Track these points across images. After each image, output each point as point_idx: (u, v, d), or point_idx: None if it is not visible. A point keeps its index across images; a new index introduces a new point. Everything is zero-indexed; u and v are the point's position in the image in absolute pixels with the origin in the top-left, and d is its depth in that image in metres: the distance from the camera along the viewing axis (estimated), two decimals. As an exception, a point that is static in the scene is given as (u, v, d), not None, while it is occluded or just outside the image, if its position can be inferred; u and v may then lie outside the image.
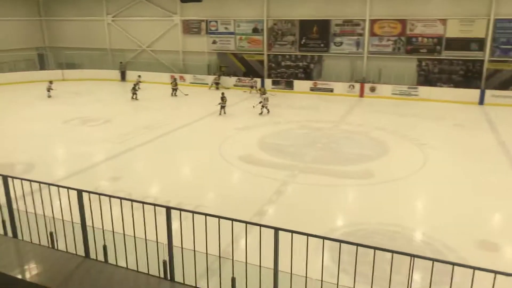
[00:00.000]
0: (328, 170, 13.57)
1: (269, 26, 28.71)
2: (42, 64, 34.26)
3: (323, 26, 27.22)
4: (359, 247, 4.22)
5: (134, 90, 24.81)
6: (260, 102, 21.24)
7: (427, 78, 25.86)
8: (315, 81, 27.34)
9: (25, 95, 26.00)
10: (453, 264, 3.80)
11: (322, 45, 27.59)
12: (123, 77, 32.06)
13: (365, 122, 19.70)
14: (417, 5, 24.97)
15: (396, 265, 4.38)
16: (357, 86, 26.03)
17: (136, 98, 24.70)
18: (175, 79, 27.60)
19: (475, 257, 8.47)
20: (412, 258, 3.91)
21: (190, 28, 30.99)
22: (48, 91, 25.23)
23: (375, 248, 4.07)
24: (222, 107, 20.94)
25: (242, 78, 29.01)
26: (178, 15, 30.95)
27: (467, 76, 24.79)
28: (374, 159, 14.78)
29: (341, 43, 27.14)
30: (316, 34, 27.55)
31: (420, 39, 25.42)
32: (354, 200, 12.06)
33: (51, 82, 25.74)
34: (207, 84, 29.31)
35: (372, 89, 25.83)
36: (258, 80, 28.21)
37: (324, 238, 4.31)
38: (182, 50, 31.62)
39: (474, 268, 3.70)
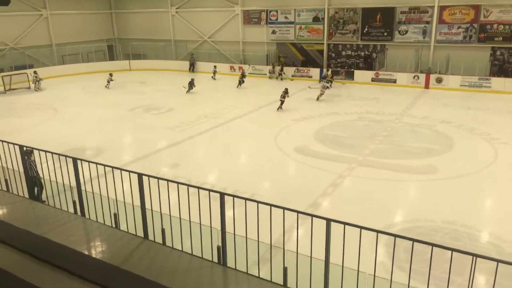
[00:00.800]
0: (388, 164, 13.08)
1: (330, 15, 28.06)
2: (111, 55, 36.30)
3: (387, 13, 26.08)
4: (417, 244, 4.04)
5: (241, 79, 26.10)
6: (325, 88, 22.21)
7: (501, 68, 23.90)
8: (377, 71, 26.35)
9: (95, 84, 27.73)
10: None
11: (385, 33, 26.48)
12: (192, 69, 32.61)
13: (430, 115, 18.69)
14: (493, -11, 23.09)
15: (458, 266, 4.14)
16: (422, 77, 24.71)
17: (242, 83, 26.17)
18: (243, 72, 27.13)
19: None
20: (474, 258, 3.66)
21: (251, 18, 31.14)
22: (108, 82, 26.44)
23: (432, 245, 3.87)
24: (282, 102, 20.01)
25: (301, 68, 28.69)
26: (239, 5, 31.21)
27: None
28: (439, 153, 14.01)
29: (406, 31, 25.86)
30: (380, 22, 26.49)
31: (495, 26, 23.51)
32: (415, 196, 11.53)
33: (111, 74, 26.99)
34: (265, 74, 29.36)
35: (439, 80, 24.38)
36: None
37: (378, 231, 4.17)
38: (242, 41, 31.91)
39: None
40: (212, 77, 29.01)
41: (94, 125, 18.22)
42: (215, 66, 29.47)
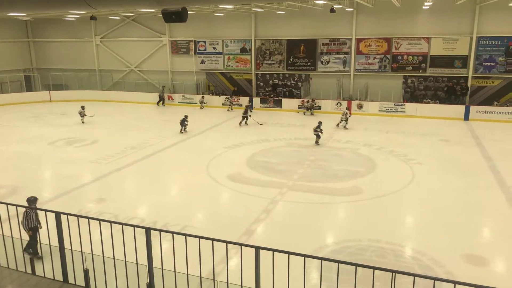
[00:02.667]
0: (317, 187, 13.53)
1: (257, 46, 29.05)
2: (29, 85, 34.04)
3: (310, 45, 27.64)
4: (345, 265, 4.16)
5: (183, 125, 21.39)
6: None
7: (413, 94, 26.24)
8: (303, 99, 27.56)
9: (11, 117, 25.72)
10: (435, 279, 3.75)
11: (309, 63, 27.95)
12: (162, 102, 29.62)
13: (353, 139, 19.81)
14: (401, 24, 25.55)
15: (385, 282, 4.32)
16: (345, 103, 26.29)
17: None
18: (247, 107, 24.25)
19: (463, 271, 8.43)
20: (394, 274, 3.85)
21: (179, 48, 31.22)
22: (82, 116, 23.74)
23: (356, 265, 4.01)
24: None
25: (232, 97, 29.13)
26: (167, 36, 31.19)
27: (452, 92, 25.23)
28: (362, 175, 14.80)
29: (328, 61, 27.53)
30: (303, 53, 27.94)
31: (405, 57, 25.91)
32: (344, 217, 12.00)
33: (83, 107, 24.16)
34: (195, 103, 29.33)
35: (360, 106, 26.09)
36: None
37: (305, 256, 4.25)
38: (171, 70, 31.76)
39: (457, 282, 3.66)
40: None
41: (9, 161, 16.76)
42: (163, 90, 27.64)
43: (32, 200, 8.39)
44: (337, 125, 22.43)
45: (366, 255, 9.20)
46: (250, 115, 23.29)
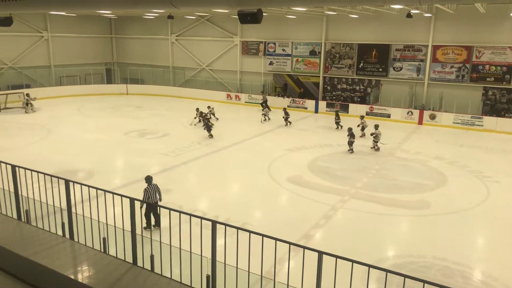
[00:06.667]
0: (381, 198, 13.08)
1: (326, 49, 28.72)
2: (109, 78, 36.60)
3: (383, 50, 26.76)
4: (408, 281, 3.99)
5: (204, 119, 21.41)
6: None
7: (493, 107, 24.39)
8: (372, 105, 26.76)
9: (91, 106, 27.79)
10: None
11: (380, 69, 27.08)
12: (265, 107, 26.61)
13: (422, 150, 18.87)
14: (485, 31, 23.85)
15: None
16: (416, 113, 25.11)
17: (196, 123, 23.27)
18: (285, 109, 23.89)
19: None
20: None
21: (249, 49, 31.77)
22: (27, 105, 24.95)
23: (423, 281, 3.83)
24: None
25: (297, 99, 29.05)
26: (238, 36, 31.88)
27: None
28: (431, 189, 14.05)
29: (401, 68, 26.48)
30: (375, 58, 27.13)
31: (487, 67, 24.16)
32: (407, 231, 11.48)
33: (28, 94, 25.50)
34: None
35: (432, 117, 24.77)
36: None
37: (370, 266, 4.13)
38: (240, 70, 32.41)
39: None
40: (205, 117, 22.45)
41: (87, 147, 18.13)
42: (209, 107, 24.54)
43: (148, 179, 10.25)
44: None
45: (430, 273, 8.73)
46: (264, 113, 24.42)
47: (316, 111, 27.90)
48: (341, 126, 22.29)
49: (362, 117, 21.47)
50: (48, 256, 5.23)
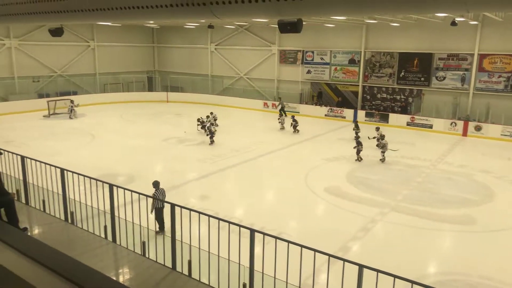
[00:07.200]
0: (423, 212, 12.61)
1: (366, 58, 28.28)
2: (150, 86, 37.74)
3: (425, 59, 26.01)
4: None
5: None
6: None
7: (545, 119, 23.05)
8: (413, 115, 26.00)
9: (133, 113, 28.69)
10: None
11: (422, 78, 26.30)
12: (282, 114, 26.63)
13: (467, 163, 18.08)
14: (536, 39, 22.71)
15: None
16: (460, 124, 24.15)
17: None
18: (293, 117, 23.95)
19: None
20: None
21: (287, 57, 31.81)
22: (71, 111, 26.31)
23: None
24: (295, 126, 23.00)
25: (335, 108, 28.72)
26: (276, 45, 32.02)
27: None
28: (477, 204, 13.41)
29: (444, 77, 25.60)
30: (417, 67, 26.41)
31: (538, 76, 22.93)
32: (451, 247, 10.99)
33: (72, 101, 26.92)
34: (298, 112, 29.56)
35: (478, 128, 23.72)
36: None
37: (413, 282, 3.97)
38: (277, 79, 32.49)
39: None
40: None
41: (128, 152, 18.70)
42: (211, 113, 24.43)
43: (156, 183, 10.41)
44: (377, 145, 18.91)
45: (476, 293, 8.30)
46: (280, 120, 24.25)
47: (355, 120, 27.39)
48: (358, 140, 20.02)
49: (377, 129, 20.79)
50: (92, 257, 5.42)
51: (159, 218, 9.88)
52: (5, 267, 4.26)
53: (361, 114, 27.53)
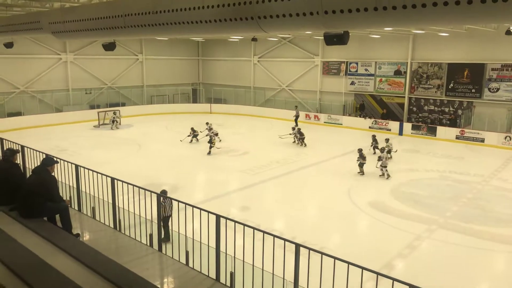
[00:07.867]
0: (474, 230, 11.96)
1: (413, 69, 27.51)
2: (194, 98, 38.69)
3: (476, 70, 24.91)
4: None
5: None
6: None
7: None
8: (463, 128, 24.89)
9: (178, 124, 29.47)
10: None
11: (473, 90, 25.18)
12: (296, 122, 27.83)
13: (523, 179, 17.01)
14: None
15: None
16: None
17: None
18: (299, 129, 23.13)
19: None
20: None
21: (330, 69, 31.58)
22: (113, 122, 27.51)
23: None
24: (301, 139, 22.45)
25: (379, 120, 28.07)
26: (319, 57, 31.89)
27: None
28: (534, 224, 12.55)
29: (498, 89, 24.37)
30: (467, 78, 25.33)
31: None
32: (506, 268, 10.33)
33: (115, 112, 28.13)
34: (341, 124, 29.15)
35: (535, 143, 22.33)
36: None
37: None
38: (320, 90, 32.28)
39: None
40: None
41: (173, 162, 19.17)
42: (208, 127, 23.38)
43: (164, 193, 10.08)
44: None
45: (535, 321, 7.72)
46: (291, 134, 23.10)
47: (401, 133, 26.65)
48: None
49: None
50: (139, 265, 5.56)
51: (166, 226, 9.63)
52: (60, 272, 4.49)
53: (407, 126, 26.71)
